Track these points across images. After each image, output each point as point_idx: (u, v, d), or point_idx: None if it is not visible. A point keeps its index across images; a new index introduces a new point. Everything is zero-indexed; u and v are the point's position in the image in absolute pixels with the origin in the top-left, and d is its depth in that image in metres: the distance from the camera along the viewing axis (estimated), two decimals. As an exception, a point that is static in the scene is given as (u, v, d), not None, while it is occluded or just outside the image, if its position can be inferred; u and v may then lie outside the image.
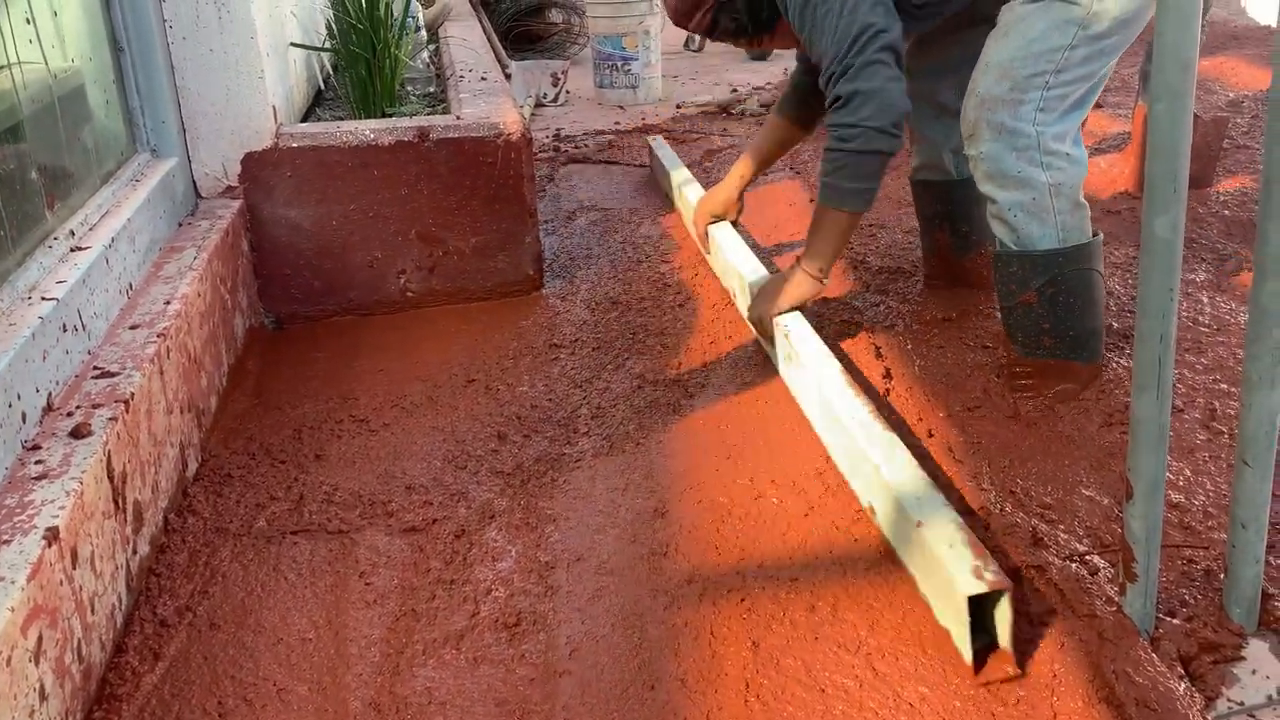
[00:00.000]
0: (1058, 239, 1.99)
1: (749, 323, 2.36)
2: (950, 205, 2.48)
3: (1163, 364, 1.33)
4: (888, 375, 2.19)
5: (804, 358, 2.03)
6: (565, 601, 1.59)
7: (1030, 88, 1.93)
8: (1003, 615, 1.42)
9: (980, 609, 1.43)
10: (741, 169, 2.67)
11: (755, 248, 2.95)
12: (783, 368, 2.20)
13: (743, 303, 2.44)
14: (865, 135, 1.96)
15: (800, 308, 2.18)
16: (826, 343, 2.08)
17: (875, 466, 1.68)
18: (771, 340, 2.21)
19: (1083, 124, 2.04)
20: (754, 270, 2.43)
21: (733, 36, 2.23)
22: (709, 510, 1.79)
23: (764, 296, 2.22)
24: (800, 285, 2.16)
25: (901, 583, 1.58)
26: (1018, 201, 1.97)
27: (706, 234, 2.73)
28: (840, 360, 2.02)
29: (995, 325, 2.35)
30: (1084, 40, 1.92)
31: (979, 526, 1.71)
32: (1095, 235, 2.04)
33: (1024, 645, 1.46)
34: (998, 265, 2.06)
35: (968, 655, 1.43)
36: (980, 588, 1.39)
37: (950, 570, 1.43)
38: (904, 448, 1.71)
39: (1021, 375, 2.09)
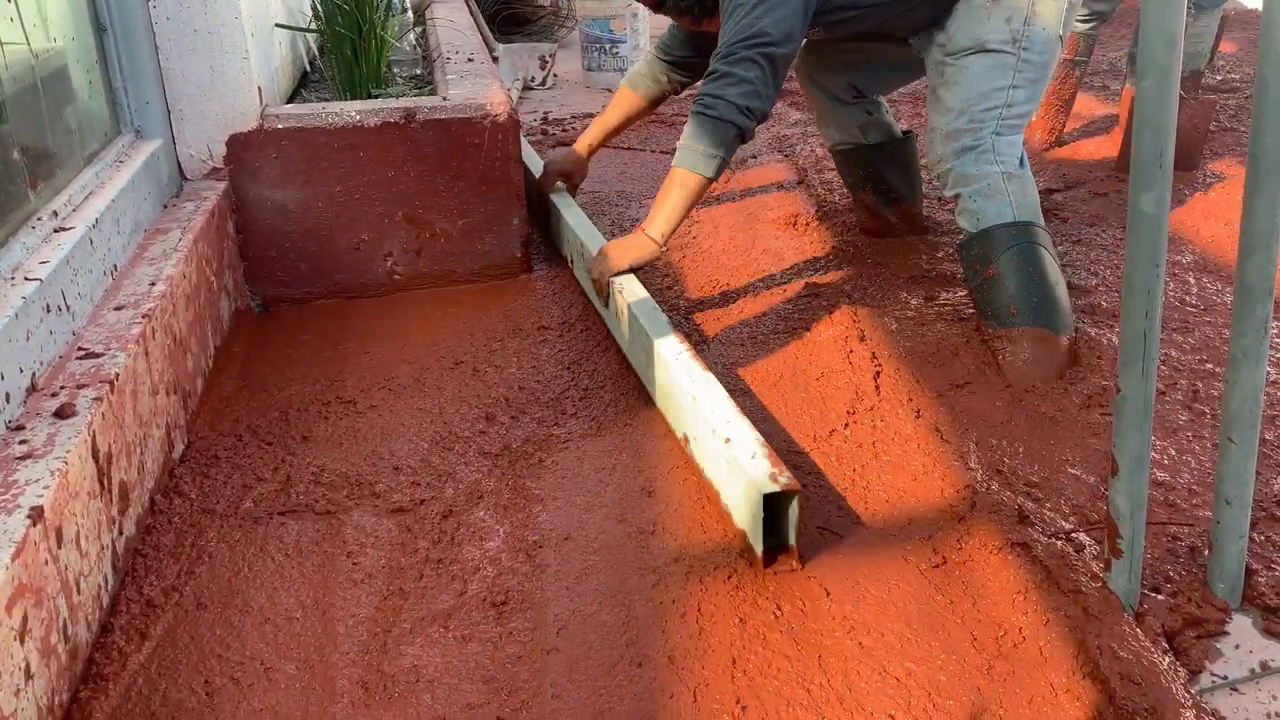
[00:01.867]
0: (1011, 211, 2.19)
1: (585, 284, 2.51)
2: (868, 167, 2.80)
3: (1148, 340, 1.34)
4: (875, 359, 2.20)
5: (634, 310, 2.14)
6: (553, 580, 1.60)
7: (986, 119, 2.24)
8: (792, 517, 1.59)
9: (775, 513, 1.59)
10: (589, 137, 2.89)
11: (739, 227, 2.96)
12: (613, 325, 2.31)
13: (580, 266, 2.56)
14: (727, 107, 2.14)
15: (637, 270, 2.30)
16: (815, 333, 2.10)
17: (693, 398, 1.82)
18: (606, 301, 2.34)
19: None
20: (591, 236, 2.55)
21: (678, 14, 2.40)
22: (696, 489, 1.80)
23: (602, 257, 2.32)
24: (639, 247, 2.28)
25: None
26: (975, 190, 2.23)
27: (551, 201, 2.88)
28: (827, 342, 2.02)
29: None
30: (1022, 74, 2.22)
31: (965, 505, 1.72)
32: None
33: (1012, 620, 1.47)
34: (962, 254, 2.28)
35: (759, 549, 1.59)
36: (774, 488, 1.55)
37: (750, 474, 1.59)
38: (719, 385, 1.85)
39: (1001, 348, 2.16)
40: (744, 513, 1.64)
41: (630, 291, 2.20)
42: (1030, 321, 2.12)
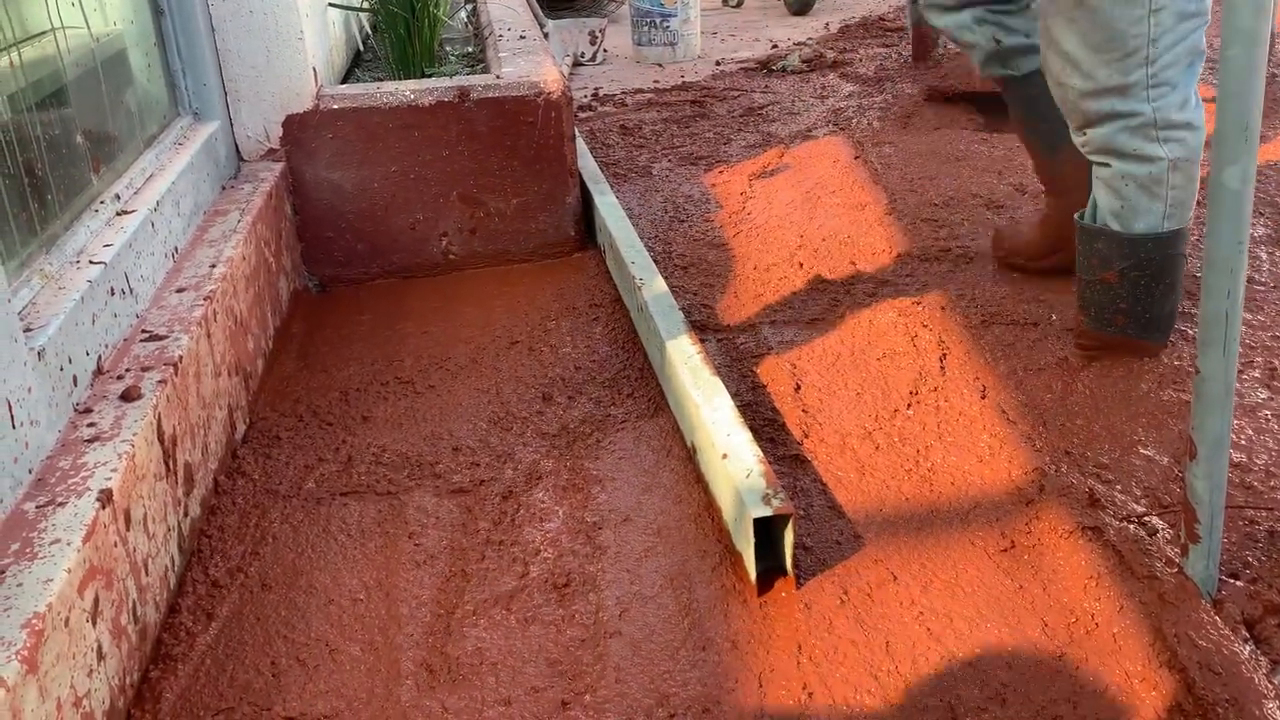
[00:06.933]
0: (1162, 217, 1.88)
1: (618, 276, 2.45)
2: (1023, 102, 2.26)
3: (1230, 320, 1.29)
4: (941, 343, 2.15)
5: (650, 308, 2.11)
6: (613, 562, 1.59)
7: (1131, 69, 1.80)
8: (787, 541, 1.50)
9: (769, 534, 1.51)
10: None
11: (796, 204, 2.91)
12: (636, 318, 2.26)
13: (612, 257, 2.51)
14: None
15: None
16: (876, 315, 2.06)
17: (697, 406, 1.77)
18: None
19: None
20: (622, 227, 2.53)
21: None
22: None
23: None
24: None
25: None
26: (1132, 173, 1.87)
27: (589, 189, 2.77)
28: (894, 330, 1.99)
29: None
30: None
31: (1033, 487, 1.69)
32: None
33: (1084, 606, 1.44)
34: (1082, 237, 1.98)
35: (753, 575, 1.51)
36: (766, 511, 1.48)
37: (743, 496, 1.52)
38: (725, 392, 1.79)
39: (1089, 347, 2.03)
40: (738, 534, 1.57)
41: (650, 287, 2.18)
42: (1134, 335, 1.97)
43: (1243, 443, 1.77)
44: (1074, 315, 2.09)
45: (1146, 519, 1.60)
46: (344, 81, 3.05)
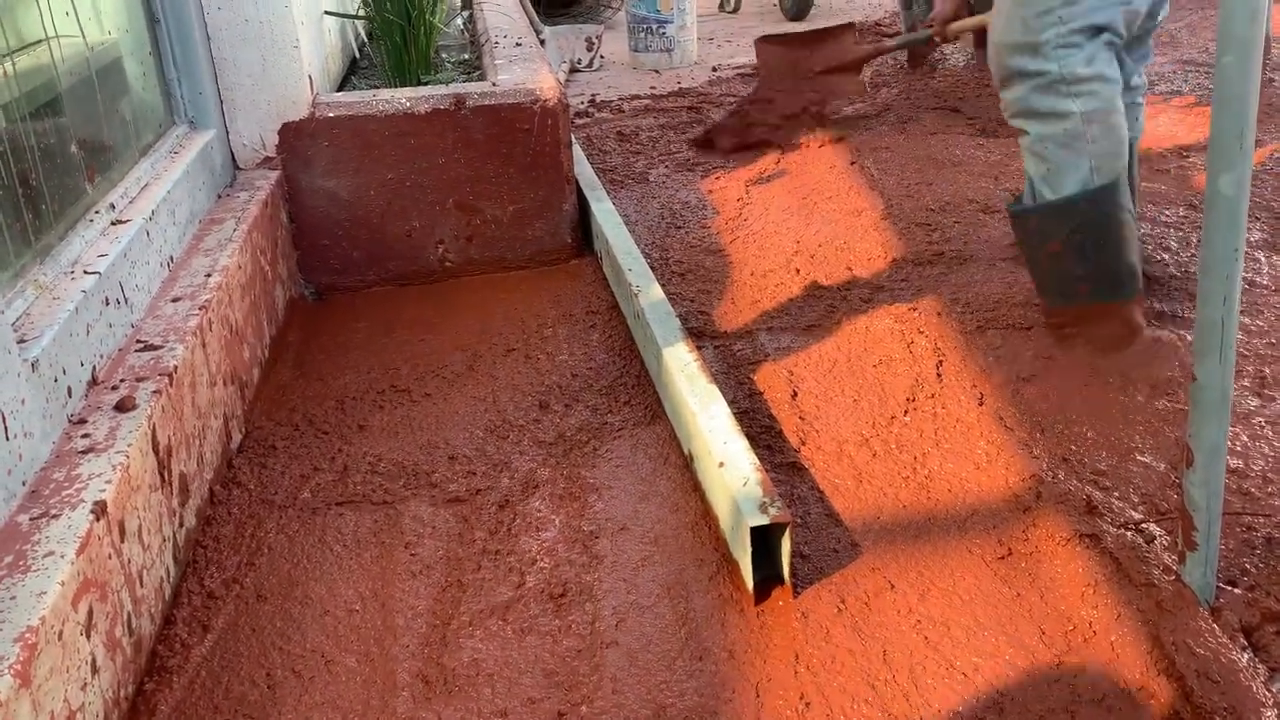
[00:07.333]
0: (1089, 171, 1.91)
1: (614, 281, 2.46)
2: None
3: (1226, 327, 1.29)
4: (937, 349, 2.15)
5: (646, 315, 2.11)
6: (610, 571, 1.58)
7: (1043, 27, 1.88)
8: (784, 549, 1.48)
9: (766, 542, 1.50)
10: None
11: (793, 210, 2.91)
12: (633, 325, 2.26)
13: (609, 264, 2.51)
14: None
15: None
16: (872, 321, 2.05)
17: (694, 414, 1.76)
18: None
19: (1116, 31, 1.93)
20: (619, 234, 2.53)
21: None
22: (754, 479, 1.77)
23: None
24: None
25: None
26: (1049, 134, 1.93)
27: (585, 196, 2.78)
28: (888, 337, 1.98)
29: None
30: None
31: (1030, 494, 1.68)
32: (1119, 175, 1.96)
33: (1081, 614, 1.44)
34: (1018, 225, 2.03)
35: (750, 584, 1.50)
36: (763, 520, 1.46)
37: (740, 504, 1.51)
38: (722, 400, 1.78)
39: (1061, 325, 2.04)
40: (734, 542, 1.57)
41: (647, 294, 2.19)
42: (1100, 298, 1.97)
43: (1237, 448, 1.77)
44: (1040, 304, 2.10)
45: (1144, 526, 1.60)
46: (340, 89, 3.05)
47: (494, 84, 2.63)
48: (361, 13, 3.20)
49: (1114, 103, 1.92)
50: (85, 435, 1.46)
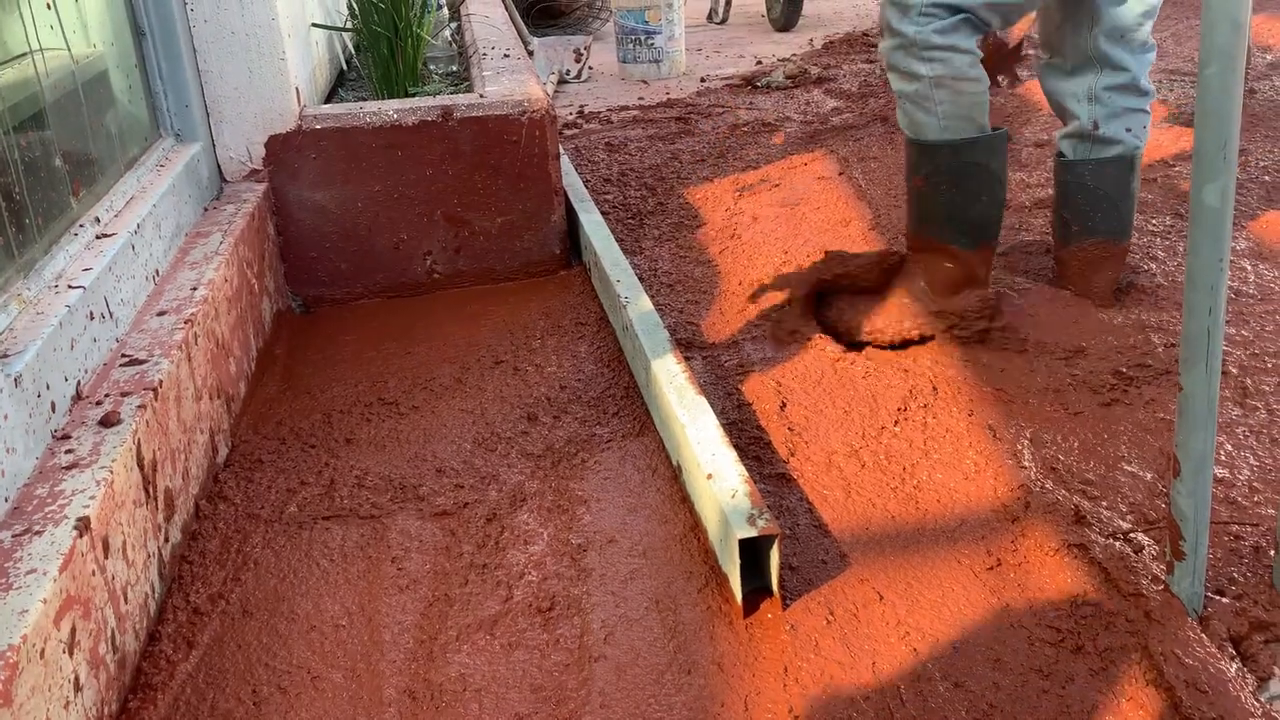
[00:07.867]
0: (939, 129, 2.06)
1: (603, 294, 2.45)
2: (1057, 185, 2.31)
3: (1212, 338, 1.29)
4: (927, 358, 2.15)
5: (635, 326, 2.12)
6: (598, 585, 1.58)
7: None
8: (773, 561, 1.48)
9: (755, 554, 1.49)
10: None
11: (781, 220, 2.92)
12: (621, 337, 2.27)
13: (597, 275, 2.52)
14: None
15: None
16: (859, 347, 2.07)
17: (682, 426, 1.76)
18: None
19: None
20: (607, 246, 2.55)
21: None
22: (743, 491, 1.77)
23: None
24: None
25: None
26: (904, 90, 2.08)
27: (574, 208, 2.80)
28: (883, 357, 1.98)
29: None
30: None
31: (1019, 504, 1.68)
32: (993, 131, 2.08)
33: (1070, 624, 1.43)
34: (905, 146, 2.18)
35: (739, 596, 1.49)
36: (751, 532, 1.46)
37: (729, 516, 1.50)
38: (710, 412, 1.79)
39: (914, 248, 2.19)
40: (723, 554, 1.56)
41: (636, 305, 2.19)
42: (944, 239, 2.12)
43: (1222, 457, 1.77)
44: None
45: (1132, 535, 1.60)
46: (327, 101, 3.05)
47: (482, 95, 2.63)
48: (349, 25, 3.20)
49: (964, 71, 2.03)
50: (69, 451, 1.45)
